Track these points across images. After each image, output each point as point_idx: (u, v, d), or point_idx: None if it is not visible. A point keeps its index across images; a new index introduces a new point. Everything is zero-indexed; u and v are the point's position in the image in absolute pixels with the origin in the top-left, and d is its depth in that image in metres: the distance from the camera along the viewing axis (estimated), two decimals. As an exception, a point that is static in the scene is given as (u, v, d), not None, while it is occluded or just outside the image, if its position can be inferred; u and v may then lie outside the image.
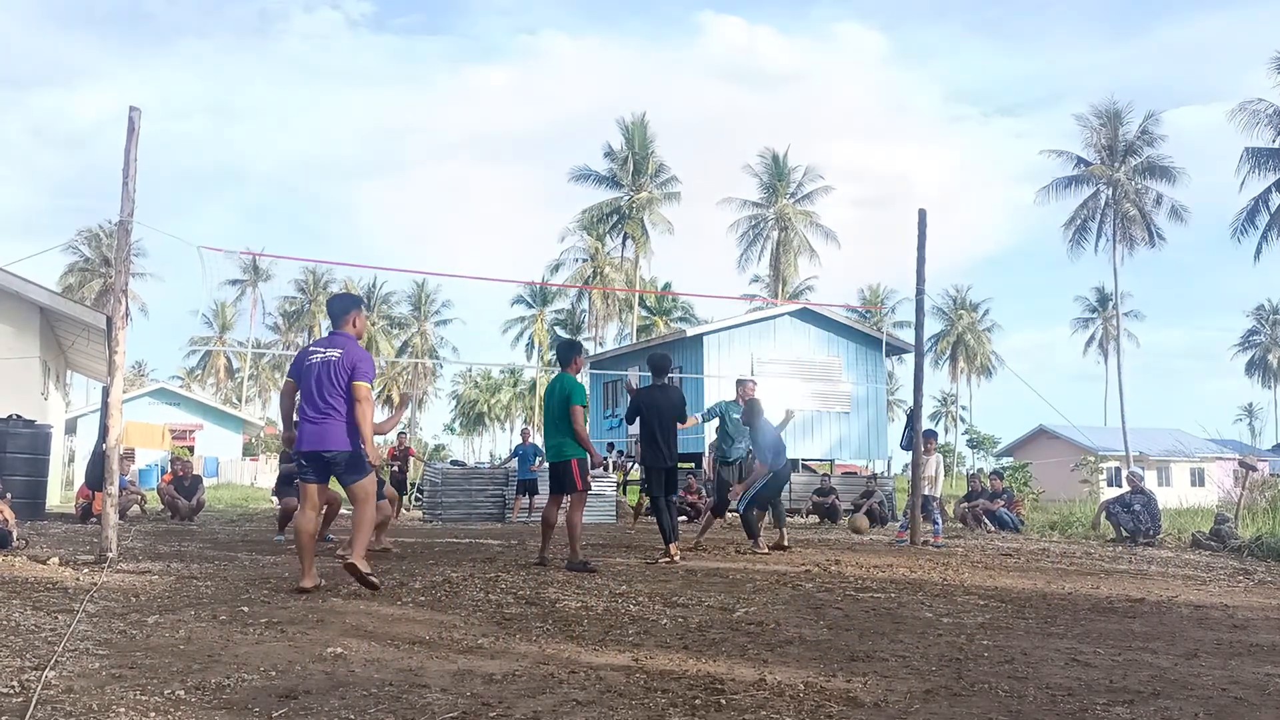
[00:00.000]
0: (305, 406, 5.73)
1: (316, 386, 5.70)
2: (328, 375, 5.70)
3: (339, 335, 5.94)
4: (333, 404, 5.66)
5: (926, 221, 11.39)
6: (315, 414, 5.67)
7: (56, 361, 17.58)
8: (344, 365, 5.70)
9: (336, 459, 5.69)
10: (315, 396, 5.69)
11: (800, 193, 47.77)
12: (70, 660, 3.65)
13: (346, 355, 5.74)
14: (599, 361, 28.92)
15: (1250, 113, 34.68)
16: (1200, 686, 3.77)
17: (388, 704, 3.16)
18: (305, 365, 5.80)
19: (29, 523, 10.31)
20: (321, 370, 5.73)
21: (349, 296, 6.23)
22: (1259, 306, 71.70)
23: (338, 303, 6.16)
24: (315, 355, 5.80)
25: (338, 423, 5.66)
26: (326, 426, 5.65)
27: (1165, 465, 39.09)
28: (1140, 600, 6.45)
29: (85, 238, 53.40)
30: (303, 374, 5.80)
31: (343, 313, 6.04)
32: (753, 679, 3.67)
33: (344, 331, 5.95)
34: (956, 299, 68.88)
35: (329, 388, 5.68)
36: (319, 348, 5.86)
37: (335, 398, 5.66)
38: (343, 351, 5.76)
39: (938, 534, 11.15)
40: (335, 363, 5.71)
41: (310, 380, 5.74)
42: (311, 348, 5.91)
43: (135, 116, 7.53)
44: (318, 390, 5.69)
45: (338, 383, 5.68)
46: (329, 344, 5.87)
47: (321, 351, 5.81)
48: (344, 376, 5.69)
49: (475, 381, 77.06)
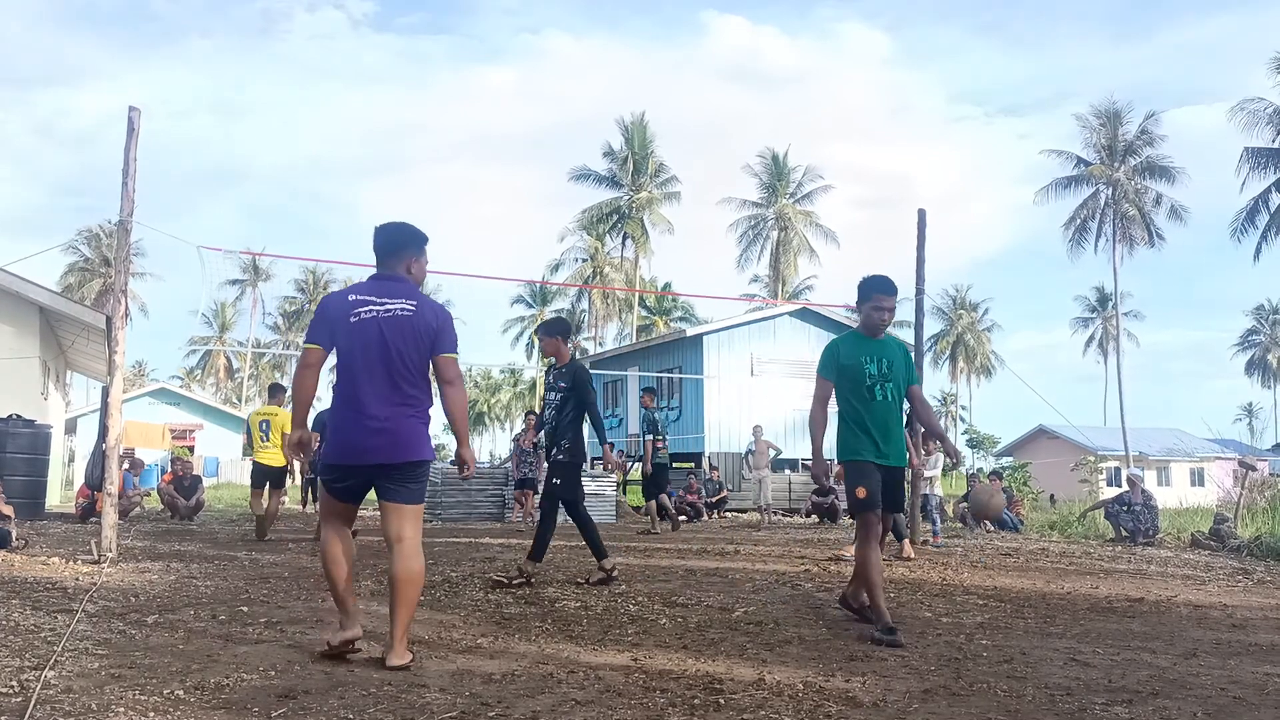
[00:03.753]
0: (356, 391, 3.72)
1: (383, 359, 3.70)
2: (402, 342, 3.71)
3: (397, 281, 3.87)
4: (407, 389, 3.73)
5: (926, 221, 11.39)
6: (380, 403, 3.70)
7: (56, 361, 17.58)
8: (424, 328, 3.75)
9: (414, 471, 3.78)
10: (380, 375, 3.70)
11: (800, 193, 47.78)
12: (70, 660, 3.65)
13: (424, 312, 3.78)
14: (599, 361, 28.92)
15: (1250, 112, 34.72)
16: (1199, 686, 3.78)
17: (387, 704, 3.17)
18: (352, 323, 3.73)
19: (29, 523, 10.32)
20: (390, 332, 3.71)
21: (406, 227, 4.00)
22: (1259, 306, 71.67)
23: (392, 234, 3.94)
24: (369, 308, 3.74)
25: (417, 418, 3.78)
26: (402, 424, 3.72)
27: (1165, 465, 39.09)
28: (1139, 600, 6.45)
29: (85, 238, 53.37)
30: (347, 337, 3.74)
31: (399, 249, 3.92)
32: (752, 679, 3.67)
33: (401, 275, 3.90)
34: (956, 299, 68.88)
35: (405, 361, 3.72)
36: (372, 296, 3.78)
37: (413, 377, 3.74)
38: (418, 306, 3.78)
39: (937, 534, 11.16)
40: (410, 321, 3.74)
41: (365, 349, 3.71)
42: (358, 296, 3.80)
43: (135, 116, 7.53)
44: (384, 365, 3.70)
45: (416, 355, 3.74)
46: (389, 291, 3.80)
47: (380, 303, 3.75)
48: (425, 344, 3.76)
49: (475, 381, 77.07)
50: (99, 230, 52.70)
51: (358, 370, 3.72)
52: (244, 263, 60.27)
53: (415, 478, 3.79)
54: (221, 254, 11.49)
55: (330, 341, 3.77)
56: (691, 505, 17.02)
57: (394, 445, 3.72)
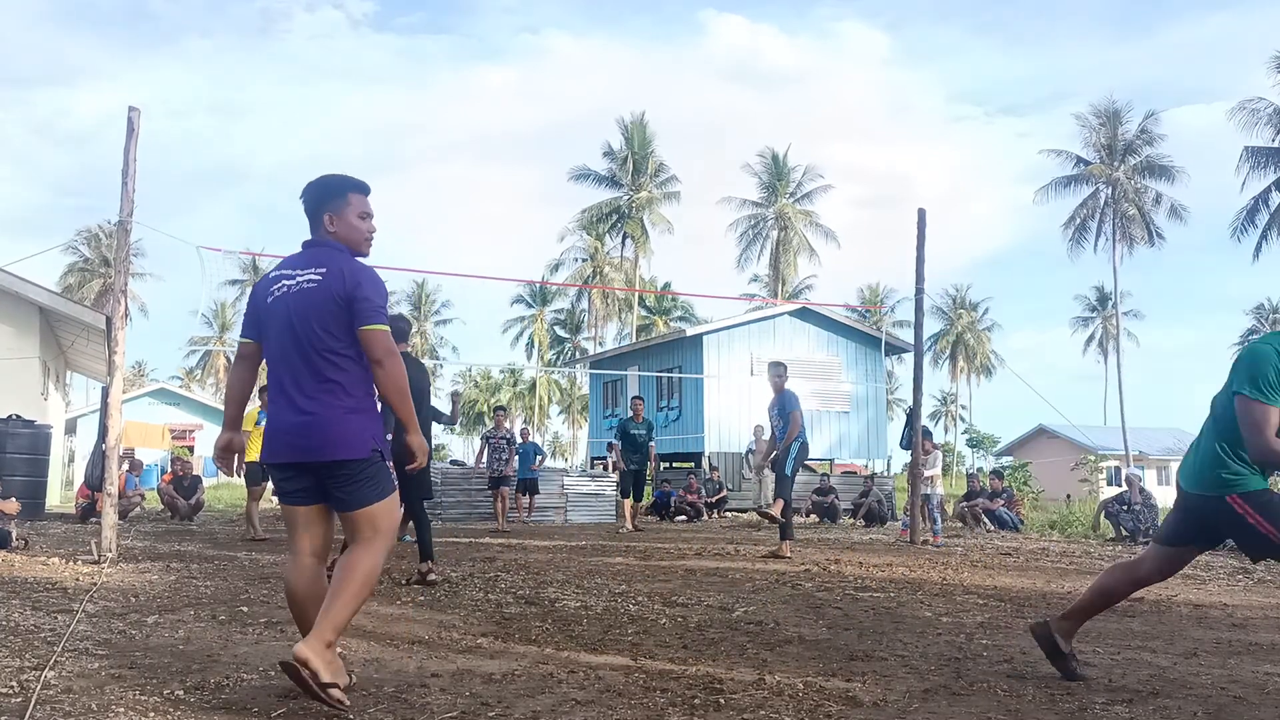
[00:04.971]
0: (279, 379, 3.24)
1: (294, 341, 3.20)
2: (309, 319, 3.17)
3: (318, 246, 3.33)
4: (329, 373, 3.17)
5: (926, 221, 11.40)
6: (299, 393, 3.18)
7: (56, 361, 17.58)
8: (329, 299, 3.17)
9: (344, 471, 3.18)
10: (296, 360, 3.20)
11: (800, 192, 47.79)
12: (70, 660, 3.65)
13: (331, 280, 3.19)
14: (599, 361, 28.92)
15: (1250, 112, 34.71)
16: (1199, 685, 3.77)
17: (387, 704, 3.16)
18: (269, 304, 3.27)
19: (29, 523, 10.32)
20: (296, 310, 3.20)
21: (324, 178, 3.43)
22: (1259, 306, 71.70)
23: (310, 191, 3.39)
24: (283, 284, 3.26)
25: (345, 407, 3.18)
26: (326, 416, 3.16)
27: (1165, 464, 39.13)
28: (1139, 599, 6.45)
29: (85, 238, 53.37)
30: (267, 320, 3.28)
31: (316, 206, 3.36)
32: (752, 679, 3.67)
33: (324, 239, 3.33)
34: (956, 298, 68.90)
35: (314, 342, 3.17)
36: (290, 269, 3.29)
37: (334, 359, 3.18)
38: (326, 273, 3.21)
39: (937, 534, 11.16)
40: (314, 294, 3.18)
41: (279, 332, 3.23)
42: (280, 271, 3.33)
43: (134, 117, 7.53)
44: (297, 348, 3.19)
45: (331, 331, 3.17)
46: (305, 260, 3.29)
47: (293, 276, 3.25)
48: (340, 318, 3.17)
49: (475, 381, 77.07)
50: (99, 230, 52.70)
51: (276, 357, 3.26)
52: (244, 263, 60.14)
53: (358, 478, 3.17)
54: (221, 254, 11.52)
55: (258, 329, 3.32)
56: (691, 505, 17.02)
57: (317, 442, 3.15)
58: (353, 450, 3.16)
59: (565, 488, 16.89)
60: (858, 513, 16.37)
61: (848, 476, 22.47)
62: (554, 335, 63.58)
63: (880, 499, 16.87)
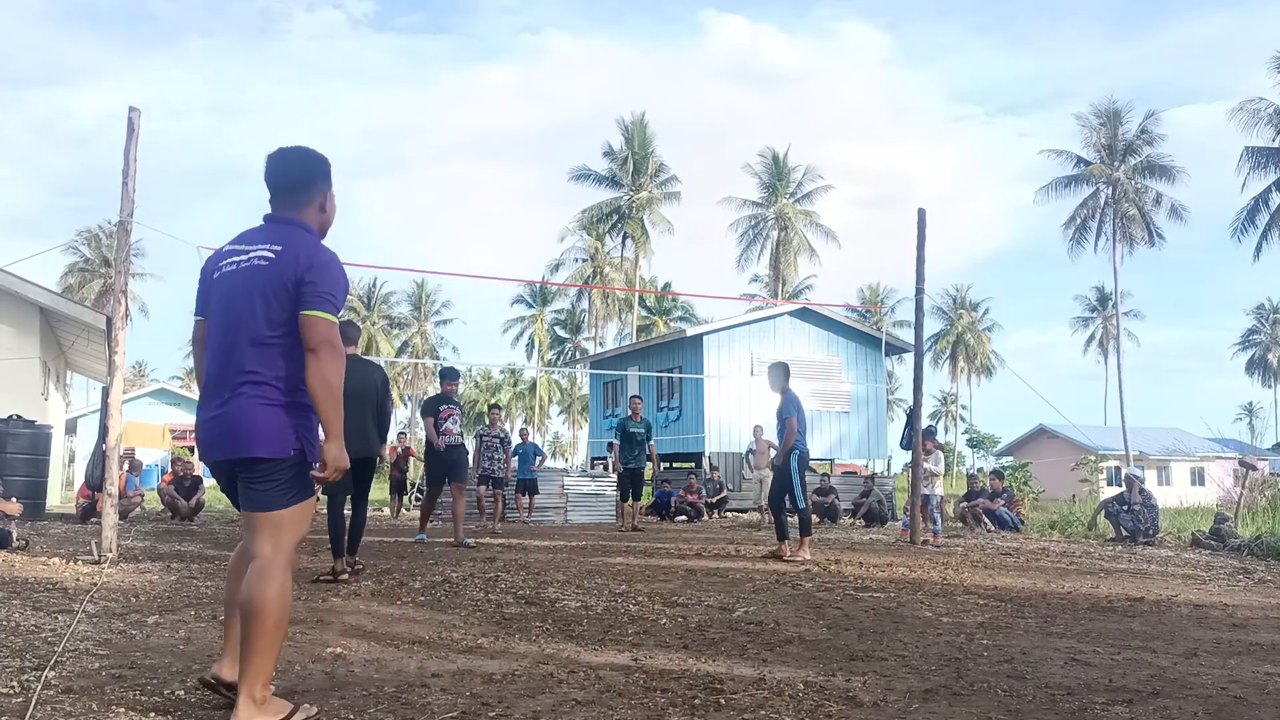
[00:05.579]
0: (207, 365, 2.99)
1: (227, 323, 2.94)
2: (251, 299, 2.89)
3: (279, 223, 3.05)
4: (250, 363, 2.87)
5: (926, 221, 11.40)
6: (218, 382, 2.93)
7: (56, 362, 17.58)
8: (278, 279, 2.87)
9: (260, 469, 2.87)
10: (225, 344, 2.93)
11: (800, 192, 47.78)
12: (70, 660, 3.65)
13: (284, 259, 2.90)
14: (599, 361, 28.92)
15: (1250, 112, 34.70)
16: (1200, 685, 3.77)
17: (387, 704, 3.17)
18: (215, 279, 3.02)
19: (29, 523, 10.32)
20: (239, 288, 2.93)
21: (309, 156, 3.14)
22: (1259, 305, 71.76)
23: (289, 163, 3.10)
24: (233, 259, 2.99)
25: (262, 399, 2.86)
26: (239, 408, 2.86)
27: (1165, 464, 39.11)
28: (1140, 599, 6.45)
29: (85, 238, 53.36)
30: (214, 297, 3.02)
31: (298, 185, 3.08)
32: (752, 678, 3.67)
33: (292, 217, 3.06)
34: (956, 298, 68.90)
35: (248, 326, 2.88)
36: (242, 244, 3.02)
37: (266, 346, 2.87)
38: (280, 251, 2.92)
39: (937, 534, 11.16)
40: (264, 272, 2.89)
41: (218, 311, 2.98)
42: (231, 245, 3.06)
43: (135, 117, 7.53)
44: (228, 331, 2.93)
45: (271, 314, 2.87)
46: (261, 236, 3.01)
47: (244, 252, 2.98)
48: (284, 300, 2.87)
49: (475, 381, 77.06)
50: (99, 230, 52.69)
51: (211, 340, 2.98)
52: (244, 263, 60.28)
53: (271, 477, 2.86)
54: (221, 254, 11.47)
55: (208, 307, 3.04)
56: (692, 505, 17.03)
57: (225, 436, 2.87)
58: (270, 448, 2.85)
59: (565, 488, 16.91)
60: (858, 513, 16.38)
61: (848, 476, 22.48)
62: (554, 335, 63.59)
63: (880, 499, 16.87)
